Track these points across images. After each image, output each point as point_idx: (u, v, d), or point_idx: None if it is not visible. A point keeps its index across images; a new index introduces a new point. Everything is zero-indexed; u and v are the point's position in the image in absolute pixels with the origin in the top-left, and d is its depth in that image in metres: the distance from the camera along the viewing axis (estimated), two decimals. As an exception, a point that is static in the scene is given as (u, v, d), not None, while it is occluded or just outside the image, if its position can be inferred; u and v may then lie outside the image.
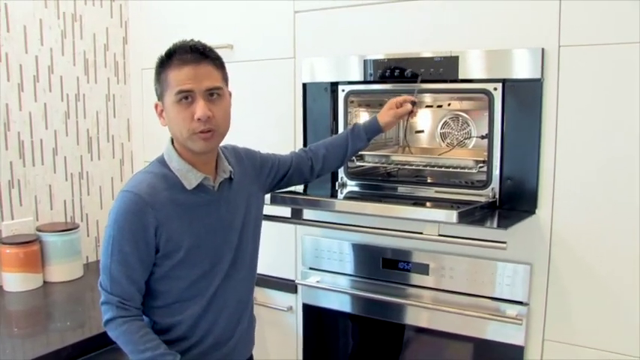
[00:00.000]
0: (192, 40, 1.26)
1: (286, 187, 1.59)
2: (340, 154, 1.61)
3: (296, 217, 1.65)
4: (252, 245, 1.42)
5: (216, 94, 1.25)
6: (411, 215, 1.41)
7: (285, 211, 1.72)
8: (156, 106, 1.29)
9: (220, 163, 1.35)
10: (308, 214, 1.71)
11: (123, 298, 1.22)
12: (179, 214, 1.25)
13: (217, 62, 1.27)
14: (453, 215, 1.32)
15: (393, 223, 1.55)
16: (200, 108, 1.21)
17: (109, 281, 1.22)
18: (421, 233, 1.39)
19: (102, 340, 1.56)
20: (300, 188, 1.90)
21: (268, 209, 1.70)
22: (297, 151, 1.64)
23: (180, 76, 1.21)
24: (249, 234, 1.40)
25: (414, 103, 1.61)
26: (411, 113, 1.62)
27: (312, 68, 1.84)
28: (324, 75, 1.82)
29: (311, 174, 1.60)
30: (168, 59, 1.23)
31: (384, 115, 1.62)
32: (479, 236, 1.42)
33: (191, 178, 1.27)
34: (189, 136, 1.24)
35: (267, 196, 1.64)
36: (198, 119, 1.21)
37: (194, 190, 1.28)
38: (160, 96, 1.27)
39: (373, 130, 1.62)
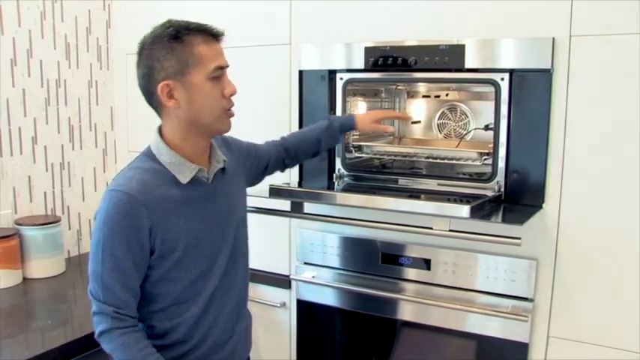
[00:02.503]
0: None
1: (263, 177, 1.55)
2: (312, 150, 1.60)
3: (296, 210, 1.57)
4: (245, 239, 1.36)
5: None
6: (422, 210, 1.35)
7: (275, 204, 1.65)
8: (164, 87, 1.14)
9: (214, 153, 1.27)
10: (307, 207, 1.65)
11: (118, 307, 1.13)
12: (174, 211, 1.17)
13: None
14: (464, 210, 1.26)
15: (396, 217, 1.50)
16: (232, 84, 1.20)
17: (101, 289, 1.13)
18: (431, 228, 1.33)
19: (89, 342, 1.48)
20: (295, 180, 1.83)
21: (265, 202, 1.64)
22: (272, 140, 1.59)
23: (213, 52, 1.16)
24: (242, 227, 1.34)
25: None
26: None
27: (309, 55, 1.76)
28: (322, 62, 1.75)
29: (283, 166, 1.59)
30: (190, 33, 1.14)
31: (365, 125, 1.63)
32: (488, 231, 1.37)
33: (185, 171, 1.19)
34: (220, 114, 1.19)
35: (266, 189, 1.57)
36: (231, 95, 1.19)
37: (188, 184, 1.19)
38: (178, 73, 1.13)
39: (348, 129, 1.65)
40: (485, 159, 1.63)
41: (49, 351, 1.39)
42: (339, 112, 1.75)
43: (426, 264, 1.64)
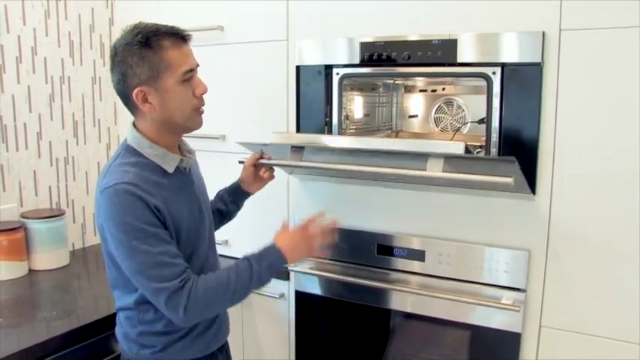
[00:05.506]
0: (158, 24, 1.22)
1: None
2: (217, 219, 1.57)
3: (295, 157, 1.54)
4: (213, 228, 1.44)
5: None
6: (417, 148, 1.35)
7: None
8: (138, 92, 1.19)
9: (182, 145, 1.35)
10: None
11: (178, 275, 1.15)
12: (170, 197, 1.23)
13: None
14: (460, 147, 1.27)
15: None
16: (203, 83, 1.24)
17: (157, 271, 1.14)
18: (424, 170, 1.30)
19: (91, 330, 1.53)
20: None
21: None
22: None
23: (182, 55, 1.21)
24: (211, 215, 1.42)
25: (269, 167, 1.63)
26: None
27: (306, 51, 1.79)
28: (318, 58, 1.77)
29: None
30: (159, 38, 1.18)
31: (253, 187, 1.63)
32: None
33: (169, 161, 1.26)
34: (191, 114, 1.25)
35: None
36: (201, 94, 1.24)
37: (172, 174, 1.26)
38: (151, 79, 1.18)
39: (235, 192, 1.62)
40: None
41: (52, 339, 1.43)
42: (335, 106, 1.78)
43: (421, 255, 1.67)
